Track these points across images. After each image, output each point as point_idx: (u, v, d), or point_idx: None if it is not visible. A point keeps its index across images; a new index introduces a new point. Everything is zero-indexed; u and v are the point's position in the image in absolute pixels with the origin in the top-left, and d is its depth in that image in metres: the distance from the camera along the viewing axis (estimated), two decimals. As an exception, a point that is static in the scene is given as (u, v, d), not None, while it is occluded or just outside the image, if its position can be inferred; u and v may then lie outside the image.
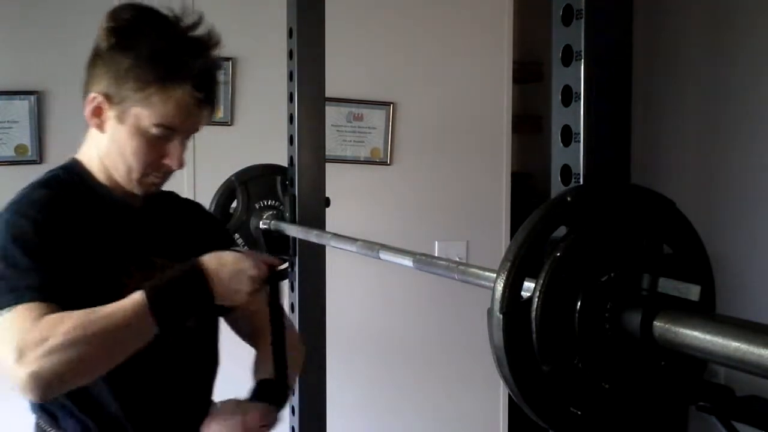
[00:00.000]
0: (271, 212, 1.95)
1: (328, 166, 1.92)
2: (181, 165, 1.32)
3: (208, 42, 1.31)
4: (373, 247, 1.35)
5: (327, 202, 1.91)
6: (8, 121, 2.42)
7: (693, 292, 0.67)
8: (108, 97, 1.27)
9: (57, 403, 1.28)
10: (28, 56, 2.45)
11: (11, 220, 1.22)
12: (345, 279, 2.57)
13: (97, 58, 1.29)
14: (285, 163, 1.93)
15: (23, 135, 2.43)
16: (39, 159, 2.45)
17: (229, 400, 1.35)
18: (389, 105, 2.81)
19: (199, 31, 1.30)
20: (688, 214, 0.76)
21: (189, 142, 1.35)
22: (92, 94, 1.28)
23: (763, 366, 0.59)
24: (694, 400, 0.76)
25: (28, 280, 1.16)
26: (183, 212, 1.49)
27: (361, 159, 2.81)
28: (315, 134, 1.88)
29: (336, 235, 1.57)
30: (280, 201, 1.97)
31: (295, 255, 1.88)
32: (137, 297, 1.15)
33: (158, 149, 1.29)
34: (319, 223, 1.86)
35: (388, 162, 2.83)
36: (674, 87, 3.46)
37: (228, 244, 1.49)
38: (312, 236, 1.70)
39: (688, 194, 3.25)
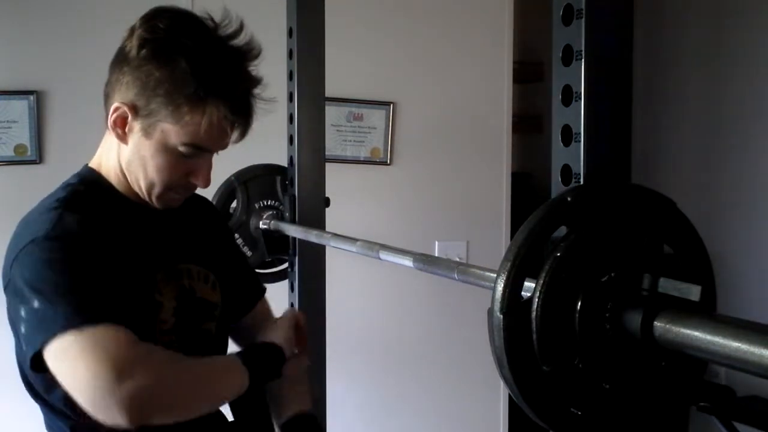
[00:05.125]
0: (271, 212, 1.95)
1: (328, 166, 1.92)
2: (207, 184, 1.26)
3: (248, 54, 1.23)
4: (373, 247, 1.34)
5: (327, 202, 1.90)
6: (7, 121, 2.41)
7: (693, 292, 0.67)
8: (134, 109, 1.17)
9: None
10: (27, 56, 2.45)
11: (46, 248, 1.10)
12: (345, 279, 2.57)
13: (123, 63, 1.17)
14: (285, 163, 1.93)
15: (22, 135, 2.43)
16: (38, 159, 2.45)
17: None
18: (389, 105, 2.81)
19: (239, 40, 1.22)
20: (688, 214, 0.76)
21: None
22: (116, 104, 1.18)
23: (763, 366, 0.59)
24: (694, 400, 0.75)
25: (101, 303, 1.06)
26: (196, 210, 1.42)
27: (361, 159, 2.80)
28: (315, 134, 1.88)
29: (336, 235, 1.57)
30: (280, 201, 1.96)
31: (295, 255, 1.88)
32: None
33: (184, 167, 1.22)
34: (319, 223, 1.86)
35: (388, 162, 2.83)
36: (674, 87, 3.45)
37: (230, 239, 1.54)
38: (312, 236, 1.70)
39: (688, 194, 3.25)
